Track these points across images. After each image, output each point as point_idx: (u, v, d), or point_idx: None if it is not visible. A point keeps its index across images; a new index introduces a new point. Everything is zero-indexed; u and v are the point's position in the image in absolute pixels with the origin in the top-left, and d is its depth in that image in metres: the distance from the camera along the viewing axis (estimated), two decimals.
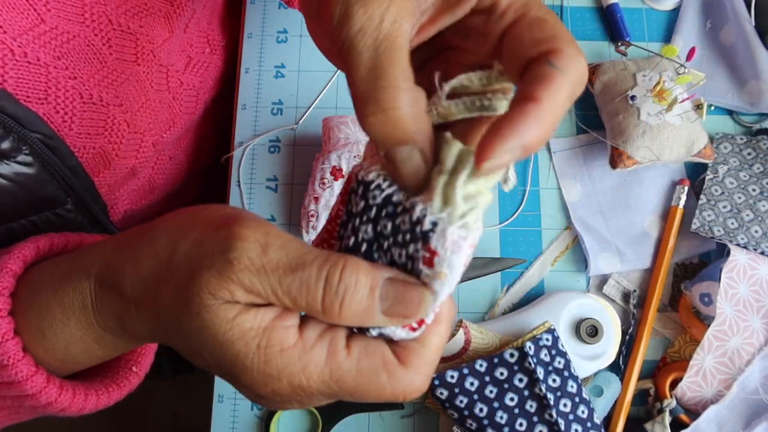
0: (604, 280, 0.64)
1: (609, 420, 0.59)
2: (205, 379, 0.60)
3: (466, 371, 0.56)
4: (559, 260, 0.65)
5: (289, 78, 0.70)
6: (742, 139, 0.66)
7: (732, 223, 0.62)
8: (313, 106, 0.69)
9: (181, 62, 0.61)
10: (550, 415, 0.54)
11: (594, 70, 0.67)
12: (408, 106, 0.27)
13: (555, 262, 0.65)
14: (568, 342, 0.60)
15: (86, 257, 0.35)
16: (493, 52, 0.30)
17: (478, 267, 0.63)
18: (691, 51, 0.60)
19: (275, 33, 0.72)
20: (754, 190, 0.63)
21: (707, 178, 0.64)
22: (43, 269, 0.38)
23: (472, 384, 0.56)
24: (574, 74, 0.27)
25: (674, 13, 0.72)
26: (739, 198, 0.63)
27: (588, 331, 0.60)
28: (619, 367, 0.61)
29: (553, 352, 0.57)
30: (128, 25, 0.50)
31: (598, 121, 0.67)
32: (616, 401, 0.60)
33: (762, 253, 0.61)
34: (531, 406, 0.55)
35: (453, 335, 0.58)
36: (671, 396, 0.59)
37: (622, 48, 0.69)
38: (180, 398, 1.33)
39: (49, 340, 0.36)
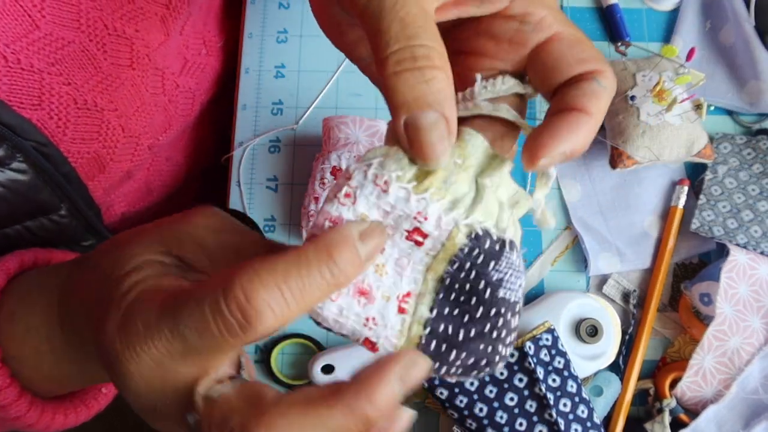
0: (604, 280, 0.64)
1: (609, 420, 0.59)
2: None
3: None
4: (559, 260, 0.65)
5: (289, 78, 0.70)
6: (741, 139, 0.66)
7: (732, 223, 0.62)
8: (313, 106, 0.69)
9: (177, 65, 0.61)
10: (550, 415, 0.54)
11: None
12: (444, 71, 0.26)
13: (555, 262, 0.65)
14: (568, 342, 0.60)
15: (46, 301, 0.36)
16: (526, 61, 0.32)
17: None
18: (691, 51, 0.60)
19: (275, 33, 0.72)
20: (753, 190, 0.63)
21: (707, 178, 0.64)
22: (20, 283, 0.39)
23: (472, 384, 0.56)
24: (611, 92, 0.30)
25: (674, 14, 0.72)
26: (739, 198, 0.63)
27: (588, 331, 0.60)
28: (619, 367, 0.61)
29: (553, 351, 0.57)
30: (124, 29, 0.49)
31: None
32: (616, 401, 0.60)
33: (762, 253, 0.61)
34: (531, 405, 0.55)
35: None
36: (671, 396, 0.59)
37: (622, 48, 0.68)
38: None
39: (33, 363, 0.37)
